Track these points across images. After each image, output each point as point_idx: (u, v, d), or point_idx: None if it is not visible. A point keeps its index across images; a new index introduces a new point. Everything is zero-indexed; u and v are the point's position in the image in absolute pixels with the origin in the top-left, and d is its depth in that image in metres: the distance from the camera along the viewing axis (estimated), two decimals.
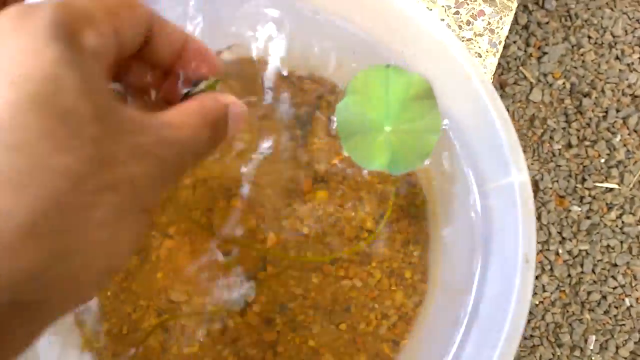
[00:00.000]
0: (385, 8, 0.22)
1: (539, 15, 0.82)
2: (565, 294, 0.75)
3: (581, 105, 0.80)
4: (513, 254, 0.18)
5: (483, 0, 0.40)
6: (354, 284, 0.29)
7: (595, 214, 0.77)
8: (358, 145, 0.24)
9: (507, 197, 0.19)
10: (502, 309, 0.18)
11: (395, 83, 0.22)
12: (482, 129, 0.20)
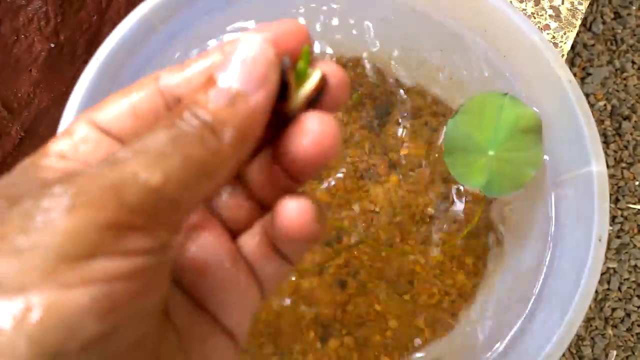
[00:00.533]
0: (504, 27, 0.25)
1: (586, 37, 0.85)
2: (590, 309, 0.77)
3: (620, 128, 0.82)
4: (586, 236, 0.20)
5: (549, 16, 0.43)
6: (418, 260, 0.32)
7: (626, 234, 0.79)
8: (459, 162, 0.26)
9: (585, 185, 0.22)
10: (573, 281, 0.20)
11: (508, 112, 0.25)
12: (569, 127, 0.23)
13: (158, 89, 0.16)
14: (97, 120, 0.15)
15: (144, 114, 0.15)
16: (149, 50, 0.29)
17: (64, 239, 0.11)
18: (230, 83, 0.14)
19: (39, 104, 0.58)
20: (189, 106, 0.14)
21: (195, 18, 0.29)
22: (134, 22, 0.27)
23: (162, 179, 0.12)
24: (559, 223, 0.24)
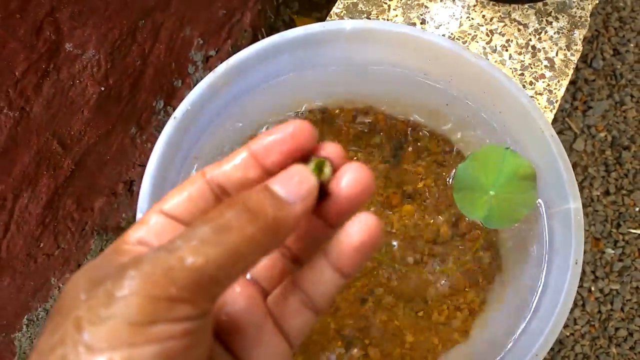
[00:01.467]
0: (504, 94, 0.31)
1: (587, 73, 0.91)
2: (595, 329, 0.81)
3: (620, 157, 0.87)
4: (573, 255, 0.26)
5: (544, 66, 0.49)
6: (432, 279, 0.38)
7: (627, 257, 0.83)
8: (465, 198, 0.32)
9: (566, 218, 0.27)
10: (559, 292, 0.26)
11: (509, 162, 0.30)
12: (556, 179, 0.28)
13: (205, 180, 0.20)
14: (165, 209, 0.19)
15: (197, 200, 0.19)
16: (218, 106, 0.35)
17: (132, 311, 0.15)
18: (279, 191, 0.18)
19: (88, 140, 0.65)
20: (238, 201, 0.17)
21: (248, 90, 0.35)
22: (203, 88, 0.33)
23: (203, 262, 0.16)
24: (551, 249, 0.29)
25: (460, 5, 0.50)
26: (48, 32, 0.53)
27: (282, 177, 0.18)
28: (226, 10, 0.81)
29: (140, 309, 0.15)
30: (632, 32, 0.94)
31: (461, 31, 0.49)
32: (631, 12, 0.95)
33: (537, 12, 0.50)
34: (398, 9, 0.49)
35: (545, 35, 0.49)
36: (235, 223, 0.17)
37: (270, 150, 0.19)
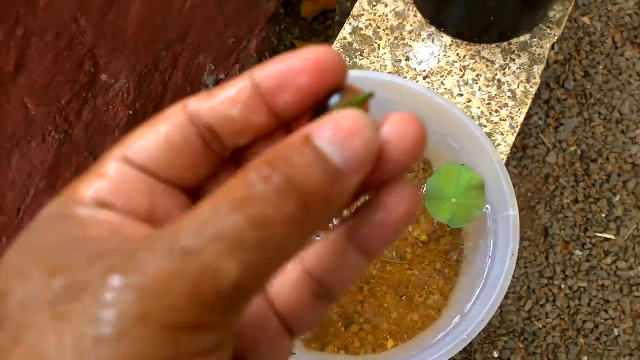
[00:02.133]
0: (466, 132, 0.40)
1: (559, 93, 1.01)
2: (565, 322, 0.91)
3: (589, 169, 0.97)
4: (510, 251, 0.35)
5: (508, 97, 0.59)
6: (413, 272, 0.47)
7: (594, 259, 0.93)
8: (434, 205, 0.41)
9: (509, 222, 0.36)
10: (499, 276, 0.35)
11: (464, 176, 0.40)
12: (499, 192, 0.37)
13: (188, 118, 0.14)
14: (130, 156, 0.14)
15: (179, 146, 0.14)
16: None
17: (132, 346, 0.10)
18: (333, 156, 0.12)
19: None
20: (278, 169, 0.12)
21: None
22: None
23: (241, 272, 0.11)
24: (495, 245, 0.38)
25: (438, 45, 0.59)
26: (88, 66, 0.62)
27: (332, 131, 0.12)
28: (235, 39, 0.90)
29: (152, 350, 0.10)
30: (602, 55, 1.04)
31: (439, 67, 0.59)
32: (601, 36, 1.05)
33: (502, 50, 0.60)
34: (387, 48, 0.59)
35: (509, 71, 0.59)
36: (279, 209, 0.11)
37: (283, 85, 0.14)
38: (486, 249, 0.39)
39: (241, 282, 0.11)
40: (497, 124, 0.57)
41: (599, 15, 1.05)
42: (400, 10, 0.60)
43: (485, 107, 0.58)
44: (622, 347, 0.89)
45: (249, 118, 0.14)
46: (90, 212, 0.13)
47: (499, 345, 0.89)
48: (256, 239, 0.11)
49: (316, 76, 0.14)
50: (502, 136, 0.57)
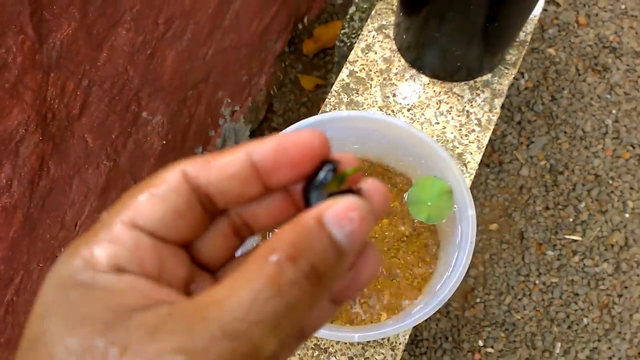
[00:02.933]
0: (432, 153, 0.54)
1: (529, 115, 1.15)
2: (540, 313, 1.03)
3: (557, 180, 1.10)
4: (470, 240, 0.48)
5: (475, 124, 0.72)
6: (400, 261, 0.60)
7: (564, 257, 1.06)
8: (414, 208, 0.55)
9: (469, 220, 0.50)
10: (463, 258, 0.48)
11: (436, 185, 0.53)
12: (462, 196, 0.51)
13: (190, 187, 0.16)
14: (140, 223, 0.15)
15: (183, 212, 0.16)
16: None
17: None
18: (342, 242, 0.14)
19: None
20: (301, 254, 0.13)
21: None
22: None
23: (277, 347, 0.13)
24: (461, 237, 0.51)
25: (418, 84, 0.73)
26: (133, 106, 0.76)
27: (339, 216, 0.14)
28: (248, 76, 1.05)
29: None
30: (566, 81, 1.18)
31: (419, 101, 0.73)
32: (565, 65, 1.19)
33: (469, 87, 0.74)
34: (377, 87, 0.73)
35: (475, 103, 0.73)
36: (306, 291, 0.13)
37: (279, 166, 0.16)
38: (455, 240, 0.52)
39: (277, 353, 0.13)
40: (466, 145, 0.71)
41: (563, 46, 1.19)
42: (387, 57, 0.74)
43: (457, 133, 0.72)
44: (591, 334, 1.01)
45: (245, 191, 0.16)
46: (113, 278, 0.14)
47: (483, 334, 1.02)
48: (288, 318, 0.13)
49: (308, 156, 0.16)
50: (471, 155, 0.71)
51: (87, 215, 0.74)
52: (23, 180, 0.60)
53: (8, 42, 0.51)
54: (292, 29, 1.14)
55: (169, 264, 0.16)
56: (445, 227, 0.57)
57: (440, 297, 0.48)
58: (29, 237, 0.64)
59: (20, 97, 0.55)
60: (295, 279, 0.13)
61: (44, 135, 0.60)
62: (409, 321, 0.48)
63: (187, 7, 0.77)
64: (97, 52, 0.63)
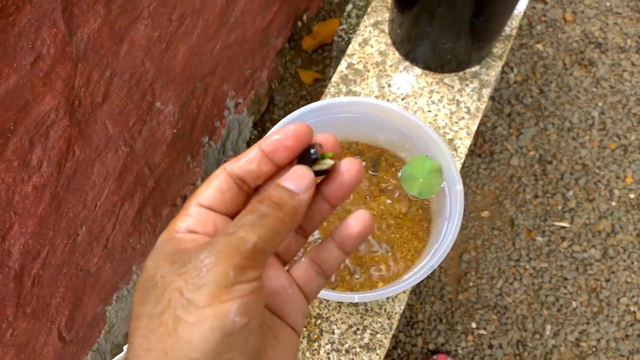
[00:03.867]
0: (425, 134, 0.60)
1: (519, 107, 1.21)
2: (530, 296, 1.08)
3: (545, 169, 1.16)
4: (458, 213, 0.54)
5: (464, 112, 0.78)
6: (396, 236, 0.66)
7: (553, 243, 1.11)
8: (407, 184, 0.60)
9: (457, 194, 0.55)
10: (452, 229, 0.53)
11: (427, 163, 0.58)
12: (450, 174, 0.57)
13: (227, 174, 0.25)
14: (201, 202, 0.25)
15: (225, 192, 0.25)
16: None
17: (219, 278, 0.21)
18: (290, 186, 0.24)
19: (163, 166, 0.93)
20: (265, 198, 0.23)
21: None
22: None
23: (257, 238, 0.22)
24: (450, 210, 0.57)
25: (412, 75, 0.79)
26: (148, 96, 0.81)
27: (291, 176, 0.24)
28: (251, 70, 1.10)
29: (225, 276, 0.21)
30: (553, 75, 1.24)
31: (413, 91, 0.78)
32: (552, 60, 1.25)
33: (459, 78, 0.79)
34: (373, 78, 0.79)
35: (465, 93, 0.79)
36: (270, 211, 0.23)
37: (278, 149, 0.25)
38: (445, 213, 0.58)
39: (259, 244, 0.22)
40: (457, 132, 0.77)
41: (551, 42, 1.25)
42: (382, 50, 0.80)
43: (448, 120, 0.77)
44: (579, 317, 1.06)
45: (261, 169, 0.26)
46: (185, 236, 0.24)
47: (476, 317, 1.07)
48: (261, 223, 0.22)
49: (296, 140, 0.25)
50: (460, 140, 0.76)
51: (106, 196, 0.80)
52: (52, 161, 0.65)
53: (43, 35, 0.57)
54: (292, 26, 1.20)
55: (221, 227, 0.25)
56: (436, 204, 0.63)
57: (430, 263, 0.54)
58: (55, 214, 0.70)
59: (52, 85, 0.61)
60: (263, 207, 0.23)
61: (71, 121, 0.66)
62: (403, 283, 0.54)
63: (197, 5, 0.83)
64: (119, 45, 0.69)
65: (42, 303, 0.74)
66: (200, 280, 0.21)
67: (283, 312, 0.27)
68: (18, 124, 0.59)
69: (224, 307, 0.21)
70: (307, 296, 0.29)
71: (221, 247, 0.22)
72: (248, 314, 0.22)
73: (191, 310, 0.21)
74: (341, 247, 0.28)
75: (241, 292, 0.22)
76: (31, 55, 0.57)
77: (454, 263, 1.10)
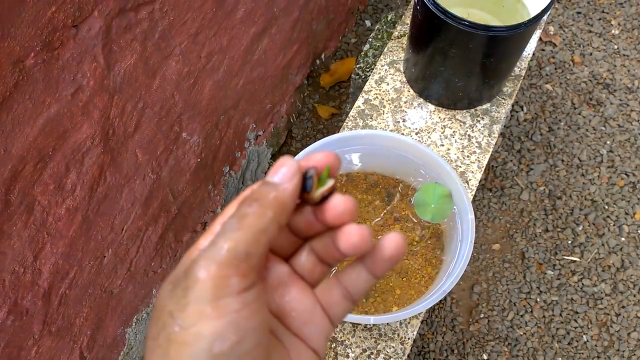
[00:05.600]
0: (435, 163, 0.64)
1: (529, 144, 1.24)
2: (541, 329, 1.09)
3: (555, 204, 1.18)
4: (470, 239, 0.56)
5: (475, 147, 0.82)
6: (410, 262, 0.69)
7: (563, 277, 1.13)
8: (420, 210, 0.64)
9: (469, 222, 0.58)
10: (463, 256, 0.56)
11: (438, 189, 0.62)
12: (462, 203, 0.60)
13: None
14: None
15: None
16: None
17: (202, 294, 0.21)
18: (271, 179, 0.24)
19: (186, 194, 0.97)
20: (249, 197, 0.23)
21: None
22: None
23: (233, 244, 0.21)
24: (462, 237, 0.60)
25: (425, 111, 0.83)
26: (176, 127, 0.86)
27: (273, 169, 0.24)
28: (271, 104, 1.16)
29: (207, 291, 0.20)
30: (562, 114, 1.28)
31: (426, 126, 0.83)
32: (562, 99, 1.29)
33: (471, 114, 0.84)
34: (388, 113, 0.83)
35: (476, 128, 0.83)
36: (249, 210, 0.22)
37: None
38: (456, 241, 0.61)
39: (237, 249, 0.21)
40: (468, 165, 0.81)
41: (559, 82, 1.30)
42: (398, 87, 0.85)
43: (460, 154, 0.81)
44: (590, 350, 1.07)
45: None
46: None
47: (487, 348, 1.08)
48: (238, 225, 0.22)
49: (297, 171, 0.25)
50: (472, 173, 0.80)
51: (132, 221, 0.84)
52: (85, 186, 0.70)
53: (84, 69, 0.62)
54: (311, 64, 1.26)
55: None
56: (448, 232, 0.66)
57: (443, 288, 0.57)
58: (85, 236, 0.74)
59: (90, 114, 0.66)
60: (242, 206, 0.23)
61: (104, 149, 0.70)
62: (418, 306, 0.57)
63: (224, 44, 0.89)
64: (152, 79, 0.74)
65: (67, 322, 0.77)
66: (185, 300, 0.21)
67: (304, 333, 0.26)
68: (56, 149, 0.64)
69: (210, 326, 0.20)
70: (331, 319, 0.27)
71: (201, 260, 0.21)
72: (238, 333, 0.21)
73: (180, 332, 0.21)
74: (371, 271, 0.26)
75: (228, 308, 0.21)
76: (72, 87, 0.62)
77: (465, 294, 1.12)
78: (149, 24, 0.70)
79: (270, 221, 0.23)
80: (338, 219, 0.25)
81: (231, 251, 0.21)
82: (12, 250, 0.63)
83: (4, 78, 0.52)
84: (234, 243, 0.21)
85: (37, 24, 0.54)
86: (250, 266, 0.22)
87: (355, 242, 0.24)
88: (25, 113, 0.57)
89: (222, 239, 0.22)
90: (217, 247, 0.21)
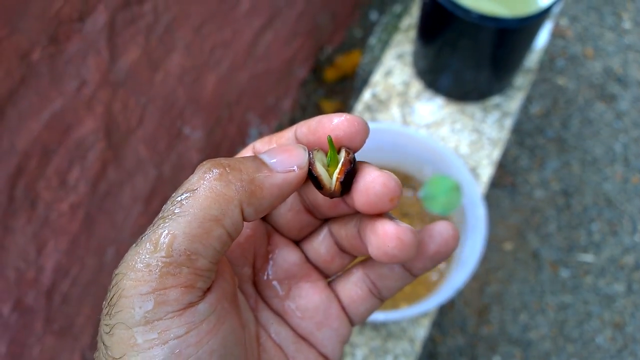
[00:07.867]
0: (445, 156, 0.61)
1: (541, 140, 1.21)
2: (554, 331, 1.06)
3: (568, 203, 1.16)
4: (482, 235, 0.54)
5: (485, 141, 0.79)
6: None
7: (577, 277, 1.10)
8: (428, 202, 0.62)
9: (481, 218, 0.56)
10: (476, 252, 0.54)
11: (446, 182, 0.60)
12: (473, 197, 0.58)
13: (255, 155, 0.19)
14: None
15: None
16: None
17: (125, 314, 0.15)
18: (270, 162, 0.18)
19: None
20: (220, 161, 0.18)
21: None
22: None
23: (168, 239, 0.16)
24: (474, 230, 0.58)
25: (434, 104, 0.81)
26: (178, 122, 0.85)
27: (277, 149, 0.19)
28: (275, 99, 1.14)
29: (133, 310, 0.14)
30: (575, 110, 1.25)
31: (435, 120, 0.80)
32: (574, 94, 1.26)
33: (480, 108, 0.81)
34: (396, 107, 0.81)
35: (486, 123, 0.80)
36: (205, 178, 0.16)
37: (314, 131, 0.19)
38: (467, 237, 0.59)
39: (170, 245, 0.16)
40: (479, 160, 0.78)
41: (572, 76, 1.27)
42: (406, 80, 0.82)
43: (470, 149, 0.79)
44: (604, 352, 1.04)
45: None
46: None
47: (499, 351, 1.05)
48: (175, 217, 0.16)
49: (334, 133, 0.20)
50: (482, 169, 0.77)
51: (135, 218, 0.82)
52: (88, 182, 0.68)
53: (88, 63, 0.61)
54: (315, 58, 1.24)
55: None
56: (459, 227, 0.63)
57: (454, 287, 0.55)
58: (87, 233, 0.72)
59: (94, 109, 0.64)
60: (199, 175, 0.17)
61: (107, 144, 0.69)
62: (429, 304, 0.54)
63: (228, 38, 0.87)
64: (155, 73, 0.72)
65: (69, 321, 0.76)
66: (110, 321, 0.16)
67: (315, 337, 0.21)
68: (60, 145, 0.62)
69: (143, 357, 0.15)
70: (351, 319, 0.22)
71: (128, 262, 0.16)
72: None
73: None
74: (408, 267, 0.21)
75: (166, 333, 0.15)
76: (77, 81, 0.61)
77: (475, 295, 1.09)
78: (152, 17, 0.68)
79: (234, 206, 0.16)
80: (370, 206, 0.18)
81: (166, 250, 0.15)
82: (16, 246, 0.61)
83: (12, 72, 0.51)
84: (170, 237, 0.15)
85: (45, 18, 0.52)
86: (196, 271, 0.16)
87: (390, 249, 0.17)
88: (30, 107, 0.56)
89: (155, 230, 0.15)
90: (146, 242, 0.15)
